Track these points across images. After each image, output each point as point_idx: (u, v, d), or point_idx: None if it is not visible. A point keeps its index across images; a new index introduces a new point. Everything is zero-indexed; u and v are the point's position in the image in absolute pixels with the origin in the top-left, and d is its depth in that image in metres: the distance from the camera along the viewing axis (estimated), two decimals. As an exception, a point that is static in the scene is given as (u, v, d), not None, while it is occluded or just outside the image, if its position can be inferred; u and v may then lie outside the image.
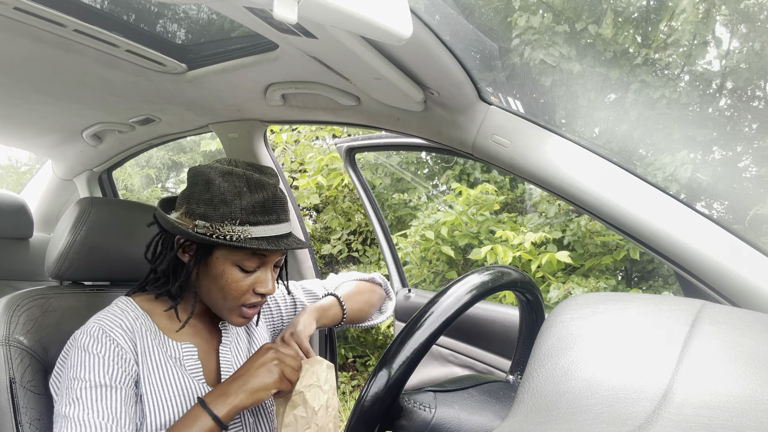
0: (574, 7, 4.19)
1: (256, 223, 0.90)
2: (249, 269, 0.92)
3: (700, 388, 0.35)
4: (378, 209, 1.93)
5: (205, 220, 0.89)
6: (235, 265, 0.92)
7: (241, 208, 0.88)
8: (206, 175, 0.91)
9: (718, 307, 0.47)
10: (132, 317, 0.93)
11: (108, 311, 0.93)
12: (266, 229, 0.91)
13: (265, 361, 0.89)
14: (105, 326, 0.88)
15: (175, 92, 1.36)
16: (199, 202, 0.90)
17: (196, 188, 0.91)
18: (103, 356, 0.85)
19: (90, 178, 2.16)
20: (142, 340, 0.91)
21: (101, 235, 1.11)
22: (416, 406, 0.65)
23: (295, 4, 0.53)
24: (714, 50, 4.14)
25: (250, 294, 0.94)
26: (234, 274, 0.92)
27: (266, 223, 0.91)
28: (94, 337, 0.87)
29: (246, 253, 0.91)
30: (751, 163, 4.14)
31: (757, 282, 0.91)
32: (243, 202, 0.89)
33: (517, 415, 0.38)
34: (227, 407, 0.84)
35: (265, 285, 0.94)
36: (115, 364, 0.86)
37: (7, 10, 0.91)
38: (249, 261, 0.91)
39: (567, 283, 3.35)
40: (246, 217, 0.89)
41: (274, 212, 0.92)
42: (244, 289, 0.93)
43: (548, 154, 1.06)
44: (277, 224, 0.93)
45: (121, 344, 0.88)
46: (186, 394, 0.91)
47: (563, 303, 0.49)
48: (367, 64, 0.93)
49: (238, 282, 0.92)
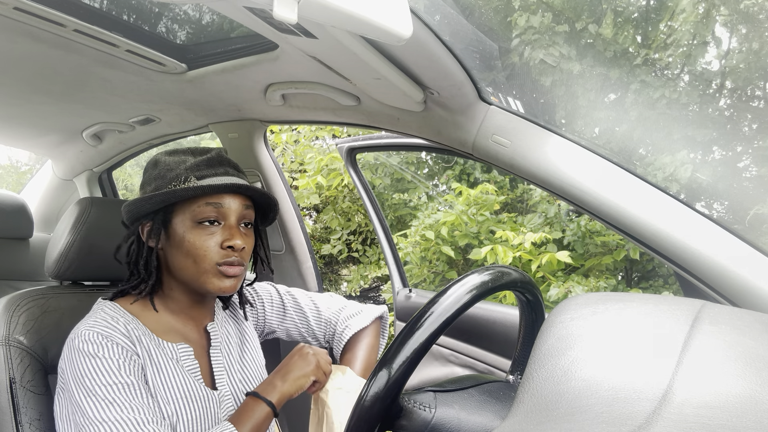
0: (574, 7, 4.19)
1: (202, 177, 0.92)
2: (209, 219, 0.91)
3: (700, 388, 0.35)
4: (379, 209, 1.93)
5: (156, 191, 0.92)
6: (194, 223, 0.91)
7: (186, 168, 0.92)
8: (154, 158, 0.98)
9: (718, 307, 0.47)
10: (123, 321, 0.90)
11: (97, 317, 0.89)
12: (213, 180, 0.92)
13: (302, 354, 0.96)
14: (102, 332, 0.86)
15: (175, 92, 1.36)
16: (149, 181, 0.95)
17: (146, 172, 0.97)
18: (113, 357, 0.84)
19: (90, 178, 2.16)
20: (139, 343, 0.90)
21: (101, 235, 1.11)
22: (416, 406, 0.65)
23: (295, 4, 0.53)
24: (714, 50, 4.14)
25: (219, 250, 0.91)
26: (196, 233, 0.90)
27: (213, 175, 0.92)
28: (96, 343, 0.85)
29: (199, 205, 0.90)
30: (751, 163, 4.14)
31: (757, 282, 0.91)
32: (188, 164, 0.93)
33: (517, 415, 0.38)
34: (278, 395, 0.92)
35: (231, 237, 0.91)
36: (127, 362, 0.85)
37: (7, 10, 0.91)
38: (204, 212, 0.90)
39: (567, 282, 3.35)
40: (190, 173, 0.92)
41: (221, 165, 0.94)
42: (210, 246, 0.90)
43: (548, 154, 1.06)
44: (226, 176, 0.93)
45: (122, 344, 0.87)
46: (190, 394, 0.91)
47: (563, 303, 0.49)
48: (367, 64, 0.93)
49: (203, 240, 0.90)
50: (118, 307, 0.94)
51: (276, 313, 1.18)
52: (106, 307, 0.93)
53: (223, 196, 0.92)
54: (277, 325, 1.18)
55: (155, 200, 0.90)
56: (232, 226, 0.92)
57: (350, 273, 4.82)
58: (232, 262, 0.92)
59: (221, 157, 0.96)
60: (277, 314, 1.18)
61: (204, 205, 0.90)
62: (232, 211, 0.93)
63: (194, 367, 0.95)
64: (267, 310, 1.17)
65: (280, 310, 1.18)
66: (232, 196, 0.93)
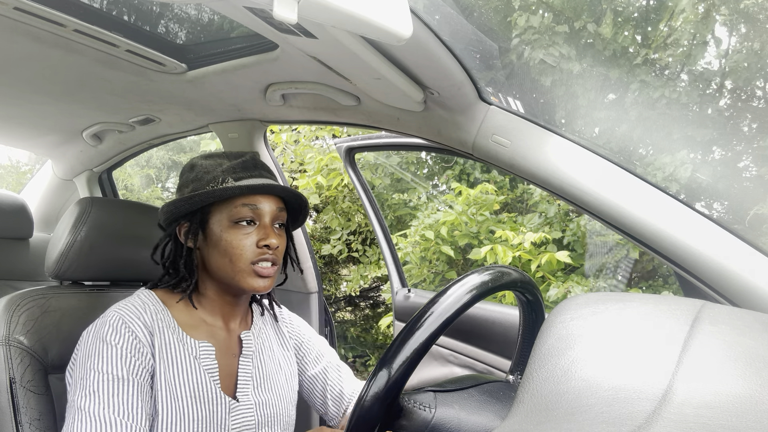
0: (574, 7, 4.20)
1: (239, 179, 0.95)
2: (245, 219, 0.93)
3: (700, 388, 0.35)
4: (378, 209, 1.93)
5: (194, 193, 0.95)
6: (230, 223, 0.93)
7: (223, 171, 0.95)
8: (190, 162, 1.01)
9: (718, 307, 0.47)
10: (152, 310, 0.93)
11: (129, 302, 0.93)
12: (249, 181, 0.95)
13: None
14: (125, 316, 0.89)
15: (175, 92, 1.36)
16: (187, 183, 0.97)
17: (182, 176, 1.00)
18: (121, 347, 0.86)
19: (90, 178, 2.16)
20: (161, 335, 0.91)
21: (101, 235, 1.11)
22: (416, 406, 0.65)
23: (295, 4, 0.53)
24: (713, 50, 4.14)
25: (255, 249, 0.94)
26: (232, 233, 0.93)
27: (249, 177, 0.95)
28: (113, 327, 0.87)
29: (236, 205, 0.93)
30: (751, 163, 4.14)
31: (757, 282, 0.91)
32: (224, 167, 0.96)
33: (517, 415, 0.38)
34: None
35: (266, 237, 0.94)
36: (133, 356, 0.86)
37: (7, 10, 0.91)
38: (241, 212, 0.93)
39: (567, 282, 3.35)
40: (227, 175, 0.94)
41: (256, 169, 0.97)
42: (246, 245, 0.93)
43: (548, 154, 1.06)
44: (261, 178, 0.96)
45: (139, 337, 0.88)
46: (201, 392, 0.91)
47: (563, 303, 0.49)
48: (367, 64, 0.93)
49: (239, 240, 0.93)
50: (153, 296, 0.96)
51: (308, 345, 1.16)
52: (141, 294, 0.97)
53: (259, 198, 0.95)
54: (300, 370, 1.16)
55: (195, 200, 0.92)
56: (267, 226, 0.95)
57: (350, 273, 4.82)
58: (266, 259, 0.94)
59: (255, 161, 0.99)
60: (310, 348, 1.16)
61: (240, 205, 0.93)
62: (267, 211, 0.95)
63: (213, 367, 0.94)
64: (303, 336, 1.16)
65: (314, 347, 1.17)
66: (266, 197, 0.96)
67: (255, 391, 0.99)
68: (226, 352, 0.98)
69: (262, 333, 1.07)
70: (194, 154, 6.31)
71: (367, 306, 5.28)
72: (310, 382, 1.14)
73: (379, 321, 4.16)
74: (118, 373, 0.84)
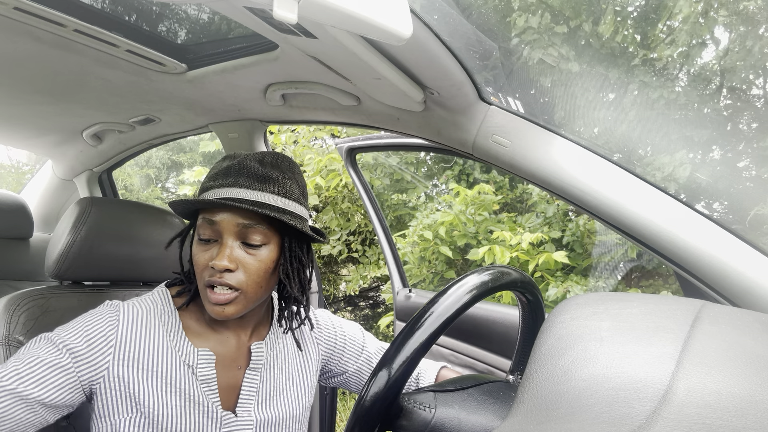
0: (574, 7, 4.20)
1: (208, 188, 0.87)
2: (203, 237, 0.85)
3: (700, 388, 0.35)
4: (378, 209, 1.93)
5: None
6: (197, 237, 0.87)
7: (210, 176, 0.89)
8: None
9: (718, 307, 0.47)
10: (158, 311, 0.90)
11: (141, 299, 0.91)
12: (214, 192, 0.85)
13: None
14: (123, 309, 0.88)
15: (175, 92, 1.36)
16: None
17: None
18: (85, 325, 0.84)
19: (90, 178, 2.16)
20: (154, 340, 0.87)
21: (101, 235, 1.11)
22: (416, 406, 0.65)
23: (295, 4, 0.53)
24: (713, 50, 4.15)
25: (207, 270, 0.84)
26: (196, 247, 0.87)
27: (217, 187, 0.85)
28: (102, 312, 0.87)
29: (200, 219, 0.86)
30: (751, 163, 4.14)
31: (757, 282, 0.91)
32: (215, 171, 0.88)
33: (517, 415, 0.38)
34: None
35: (217, 257, 0.82)
36: (86, 338, 0.83)
37: (7, 10, 0.91)
38: (201, 228, 0.86)
39: (566, 282, 3.35)
40: (207, 182, 0.88)
41: (231, 176, 0.85)
42: (202, 264, 0.84)
43: (548, 154, 1.06)
44: (233, 188, 0.84)
45: (119, 330, 0.85)
46: (190, 401, 0.87)
47: (563, 303, 0.49)
48: (367, 64, 0.93)
49: (197, 256, 0.86)
50: (166, 296, 0.93)
51: (346, 345, 1.11)
52: (159, 291, 0.94)
53: (215, 212, 0.84)
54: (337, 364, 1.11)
55: (174, 208, 0.89)
56: (224, 245, 0.83)
57: (350, 273, 4.81)
58: (212, 283, 0.83)
59: (242, 166, 0.86)
60: (349, 348, 1.12)
61: (201, 219, 0.86)
62: (226, 228, 0.83)
63: (209, 377, 0.89)
64: (347, 339, 1.11)
65: (353, 346, 1.12)
66: (226, 211, 0.83)
67: (258, 407, 0.93)
68: (230, 364, 0.93)
69: (278, 344, 1.00)
70: (194, 154, 6.32)
71: (366, 306, 5.28)
72: (355, 376, 1.12)
73: (379, 321, 4.16)
74: (50, 356, 0.79)
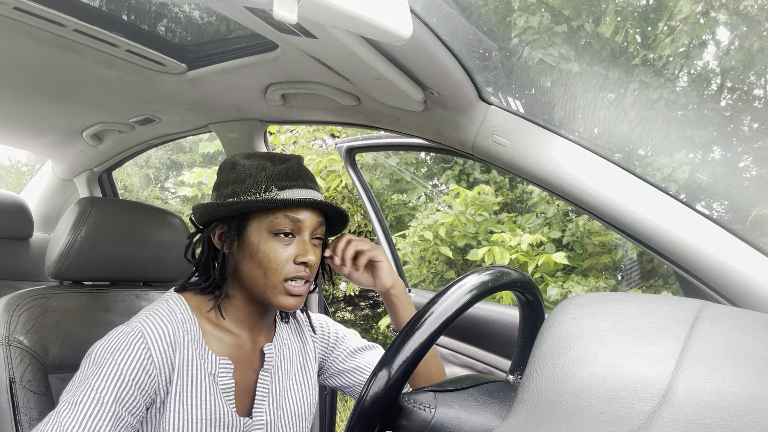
0: (573, 7, 4.20)
1: (283, 188, 0.91)
2: (284, 232, 0.89)
3: (700, 388, 0.35)
4: (378, 209, 1.93)
5: (234, 196, 0.90)
6: (269, 234, 0.89)
7: (266, 176, 0.91)
8: (231, 159, 0.95)
9: (718, 307, 0.47)
10: (179, 320, 0.89)
11: (158, 311, 0.89)
12: (293, 192, 0.91)
13: None
14: (147, 331, 0.85)
15: (175, 92, 1.36)
16: (227, 183, 0.92)
17: (223, 173, 0.95)
18: (124, 369, 0.81)
19: (90, 178, 2.16)
20: (183, 350, 0.87)
21: (101, 235, 1.11)
22: (416, 406, 0.65)
23: (295, 4, 0.53)
24: (713, 50, 4.14)
25: (290, 265, 0.90)
26: (270, 244, 0.89)
27: (293, 187, 0.91)
28: (129, 342, 0.83)
29: (277, 216, 0.89)
30: (751, 163, 4.14)
31: (757, 282, 0.91)
32: (268, 172, 0.91)
33: (517, 415, 0.38)
34: None
35: (305, 253, 0.90)
36: (133, 382, 0.82)
37: (7, 10, 0.91)
38: (282, 224, 0.89)
39: (566, 282, 3.35)
40: (271, 183, 0.90)
41: (300, 178, 0.93)
42: (283, 259, 0.89)
43: (548, 154, 1.06)
44: (305, 189, 0.93)
45: (154, 357, 0.84)
46: (215, 415, 0.87)
47: (563, 303, 0.49)
48: (367, 64, 0.93)
49: (276, 252, 0.89)
50: (182, 302, 0.92)
51: (341, 349, 1.11)
52: (171, 299, 0.92)
53: (301, 210, 0.91)
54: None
55: (235, 208, 0.89)
56: (305, 241, 0.91)
57: (350, 273, 4.81)
58: (301, 276, 0.90)
59: (300, 168, 0.95)
60: (345, 351, 1.11)
61: (282, 217, 0.90)
62: (308, 225, 0.91)
63: (229, 387, 0.90)
64: (339, 342, 1.11)
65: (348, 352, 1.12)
66: (309, 210, 0.92)
67: (269, 408, 0.96)
68: (246, 367, 0.95)
69: (285, 344, 1.02)
70: (194, 154, 6.32)
71: (366, 306, 5.28)
72: (348, 374, 1.10)
73: (379, 321, 4.16)
74: (106, 397, 0.79)
